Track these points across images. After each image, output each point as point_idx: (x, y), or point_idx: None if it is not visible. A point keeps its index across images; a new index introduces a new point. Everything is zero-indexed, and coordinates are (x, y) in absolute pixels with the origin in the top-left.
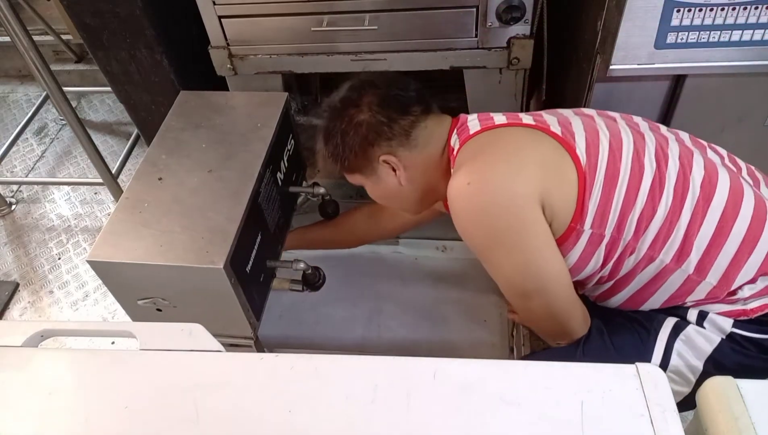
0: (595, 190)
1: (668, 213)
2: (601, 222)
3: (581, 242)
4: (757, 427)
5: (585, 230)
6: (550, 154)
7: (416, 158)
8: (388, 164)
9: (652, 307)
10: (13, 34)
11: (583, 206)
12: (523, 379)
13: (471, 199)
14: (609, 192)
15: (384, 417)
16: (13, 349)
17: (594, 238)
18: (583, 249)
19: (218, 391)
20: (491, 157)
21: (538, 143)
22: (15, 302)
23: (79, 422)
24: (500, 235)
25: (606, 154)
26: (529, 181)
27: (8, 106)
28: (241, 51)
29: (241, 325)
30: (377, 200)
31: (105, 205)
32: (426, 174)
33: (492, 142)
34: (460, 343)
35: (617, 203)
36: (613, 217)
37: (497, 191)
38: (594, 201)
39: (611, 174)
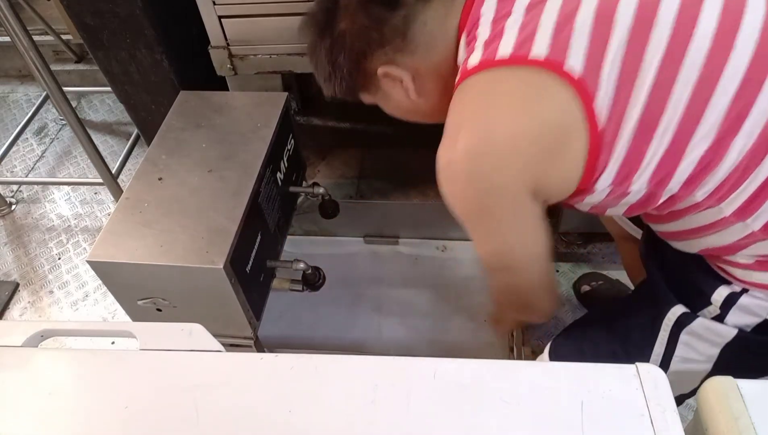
0: (616, 151)
1: (742, 159)
2: (626, 180)
3: (595, 196)
4: (757, 427)
5: (599, 190)
6: (556, 124)
7: (421, 64)
8: (390, 76)
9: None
10: (13, 34)
11: (593, 173)
12: (523, 379)
13: (453, 180)
14: (641, 147)
15: (384, 417)
16: (13, 349)
17: (616, 193)
18: (601, 199)
19: (218, 391)
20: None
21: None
22: (15, 302)
23: (79, 422)
24: (481, 219)
25: (647, 87)
26: (518, 172)
27: (8, 106)
28: (241, 51)
29: (241, 325)
30: (395, 116)
31: (105, 205)
32: (439, 82)
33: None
34: (460, 343)
35: (653, 158)
36: (645, 173)
37: (479, 183)
38: (614, 163)
39: (648, 122)
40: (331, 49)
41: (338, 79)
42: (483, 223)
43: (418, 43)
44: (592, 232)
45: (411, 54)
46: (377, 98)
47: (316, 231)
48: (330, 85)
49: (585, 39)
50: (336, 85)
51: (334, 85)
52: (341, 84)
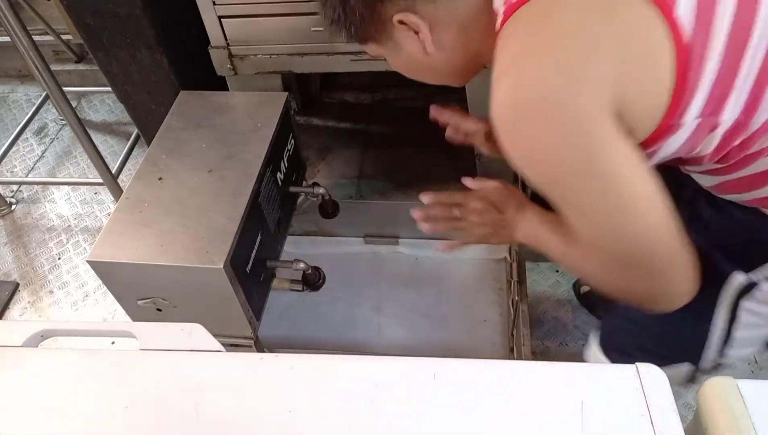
0: (707, 68)
1: None
2: (718, 106)
3: (679, 134)
4: (757, 427)
5: (687, 122)
6: (635, 33)
7: (443, 14)
8: (406, 25)
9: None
10: (13, 34)
11: (682, 96)
12: (523, 379)
13: (521, 126)
14: (734, 63)
15: (384, 417)
16: (13, 349)
17: (704, 126)
18: (684, 139)
19: (218, 391)
20: (548, 58)
21: (617, 18)
22: (15, 302)
23: (79, 422)
24: (568, 171)
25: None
26: (599, 90)
27: (8, 106)
28: (241, 51)
29: (241, 325)
30: (402, 72)
31: (105, 205)
32: (461, 36)
33: (546, 20)
34: (460, 343)
35: (748, 76)
36: (740, 97)
37: (557, 114)
38: (706, 83)
39: (739, 35)
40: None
41: (347, 24)
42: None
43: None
44: None
45: (433, 0)
46: (386, 49)
47: (316, 231)
48: (337, 28)
49: None
50: (344, 30)
51: (342, 29)
52: (350, 29)
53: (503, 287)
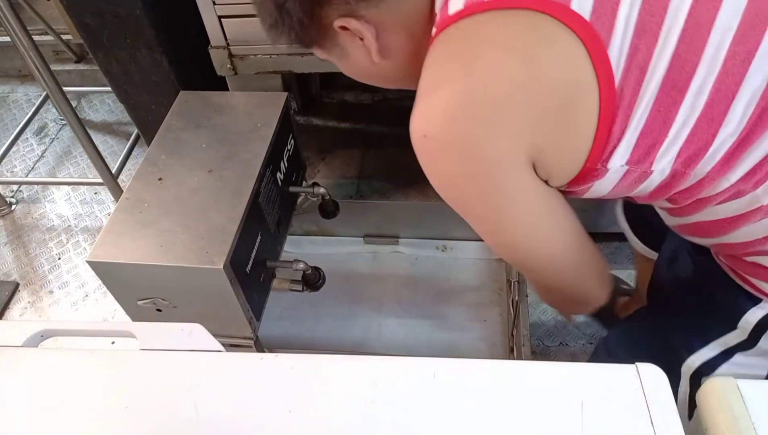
0: (636, 115)
1: None
2: (647, 156)
3: (608, 179)
4: (757, 427)
5: (612, 168)
6: (558, 79)
7: (388, 18)
8: (349, 30)
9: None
10: (13, 34)
11: (605, 144)
12: (523, 379)
13: (434, 156)
14: (666, 113)
15: (384, 417)
16: (13, 349)
17: (633, 173)
18: (615, 182)
19: (218, 391)
20: (460, 98)
21: (542, 59)
22: (15, 302)
23: (79, 422)
24: (473, 209)
25: (675, 36)
26: (511, 145)
27: (8, 106)
28: (241, 51)
29: (241, 325)
30: (355, 78)
31: (105, 205)
32: (409, 42)
33: (469, 54)
34: (460, 343)
35: (681, 129)
36: (672, 149)
37: (463, 160)
38: (632, 132)
39: (677, 80)
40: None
41: (286, 28)
42: (481, 210)
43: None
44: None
45: (376, 5)
46: (332, 55)
47: (316, 231)
48: (277, 33)
49: None
50: (284, 35)
51: (282, 34)
52: (290, 34)
53: (503, 287)
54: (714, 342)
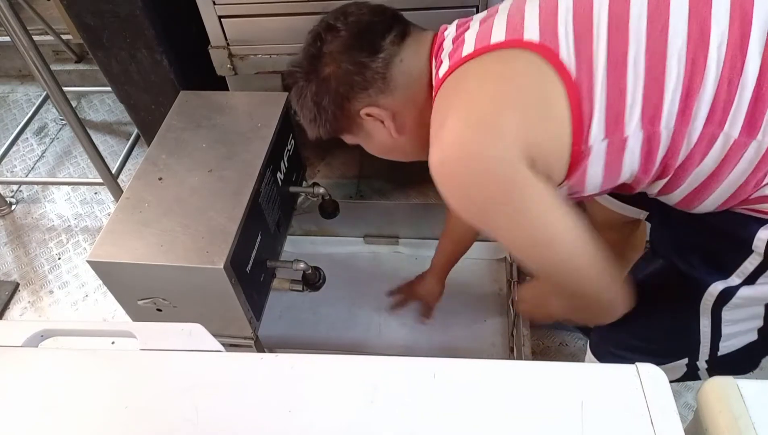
0: (596, 95)
1: (722, 72)
2: (618, 123)
3: (595, 159)
4: (757, 427)
5: (595, 145)
6: (528, 85)
7: (400, 102)
8: (372, 116)
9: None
10: (13, 34)
11: (581, 125)
12: (523, 379)
13: (449, 181)
14: (619, 84)
15: (384, 417)
16: (13, 349)
17: (614, 145)
18: (603, 161)
19: (218, 391)
20: (459, 122)
21: (511, 76)
22: (15, 302)
23: (79, 422)
24: (495, 213)
25: (604, 30)
26: (508, 142)
27: (8, 106)
28: (241, 51)
29: (241, 325)
30: (377, 155)
31: (105, 205)
32: (418, 118)
33: (459, 93)
34: (460, 343)
35: (635, 94)
36: (634, 112)
37: (474, 166)
38: (598, 107)
39: (616, 59)
40: (317, 92)
41: (323, 121)
42: (498, 214)
43: (397, 83)
44: None
45: (391, 94)
46: (360, 138)
47: (316, 231)
48: (315, 126)
49: (534, 16)
50: (320, 127)
51: (319, 126)
52: (325, 125)
53: (503, 287)
54: (734, 274)
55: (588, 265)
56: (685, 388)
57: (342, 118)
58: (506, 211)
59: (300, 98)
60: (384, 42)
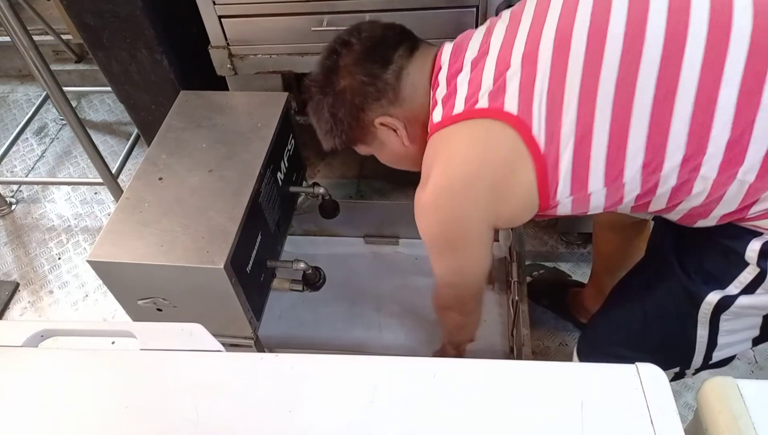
0: (562, 164)
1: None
2: (582, 186)
3: (563, 205)
4: (757, 427)
5: (562, 201)
6: (503, 157)
7: (410, 113)
8: (386, 126)
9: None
10: (13, 34)
11: (546, 191)
12: (523, 379)
13: (424, 214)
14: (583, 155)
15: (384, 417)
16: (13, 349)
17: (579, 199)
18: (570, 207)
19: (218, 391)
20: (445, 179)
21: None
22: (15, 302)
23: (79, 422)
24: (444, 247)
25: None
26: (479, 207)
27: (8, 106)
28: (241, 51)
29: (241, 325)
30: (389, 165)
31: (105, 205)
32: (423, 130)
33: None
34: None
35: (598, 161)
36: (597, 175)
37: (445, 211)
38: (563, 174)
39: (582, 133)
40: (333, 104)
41: (338, 132)
42: (446, 249)
43: (405, 95)
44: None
45: (401, 104)
46: (373, 147)
47: (316, 231)
48: (330, 137)
49: (516, 84)
50: (336, 138)
51: (335, 137)
52: (341, 136)
53: (503, 287)
54: (731, 285)
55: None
56: (685, 387)
57: (357, 129)
58: (453, 249)
59: (317, 111)
60: (395, 54)
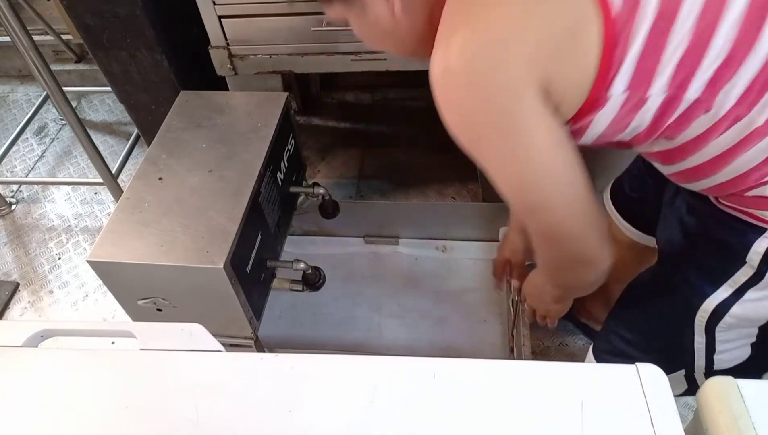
0: (633, 42)
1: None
2: (644, 81)
3: (608, 108)
4: (757, 427)
5: (614, 96)
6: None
7: None
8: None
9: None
10: (13, 34)
11: (608, 69)
12: (523, 379)
13: (448, 94)
14: (660, 39)
15: (384, 417)
16: (13, 349)
17: (630, 101)
18: (614, 114)
19: (218, 391)
20: (475, 34)
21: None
22: (15, 302)
23: (79, 422)
24: (487, 138)
25: None
26: (522, 63)
27: (8, 106)
28: (241, 51)
29: (241, 325)
30: (365, 41)
31: (105, 205)
32: (428, 4)
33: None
34: (460, 343)
35: (674, 54)
36: (667, 73)
37: (479, 82)
38: (632, 58)
39: (665, 12)
40: None
41: None
42: (493, 141)
43: None
44: None
45: None
46: (351, 12)
47: (316, 231)
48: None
49: None
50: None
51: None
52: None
53: (503, 287)
54: (725, 284)
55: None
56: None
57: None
58: (505, 138)
59: None
60: None
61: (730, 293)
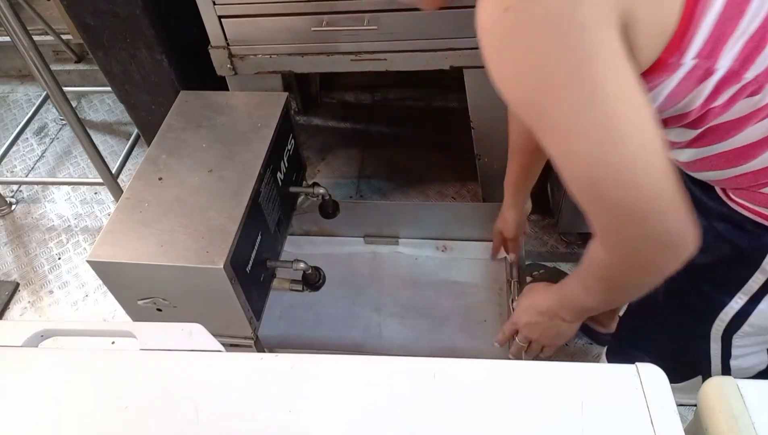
0: (715, 3)
1: None
2: (714, 51)
3: (674, 77)
4: (757, 427)
5: (684, 63)
6: None
7: None
8: None
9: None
10: (13, 34)
11: (687, 28)
12: (523, 379)
13: (515, 30)
14: (740, 6)
15: (384, 417)
16: (13, 349)
17: (696, 71)
18: (676, 84)
19: (218, 391)
20: None
21: None
22: (15, 302)
23: (79, 422)
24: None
25: None
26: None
27: (8, 106)
28: (241, 51)
29: (241, 325)
30: None
31: (105, 205)
32: None
33: None
34: (460, 343)
35: (749, 24)
36: (737, 46)
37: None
38: (710, 18)
39: None
40: None
41: None
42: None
43: None
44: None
45: None
46: None
47: (316, 231)
48: None
49: None
50: None
51: None
52: None
53: (503, 287)
54: (740, 292)
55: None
56: None
57: None
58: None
59: None
60: None
61: (745, 301)
